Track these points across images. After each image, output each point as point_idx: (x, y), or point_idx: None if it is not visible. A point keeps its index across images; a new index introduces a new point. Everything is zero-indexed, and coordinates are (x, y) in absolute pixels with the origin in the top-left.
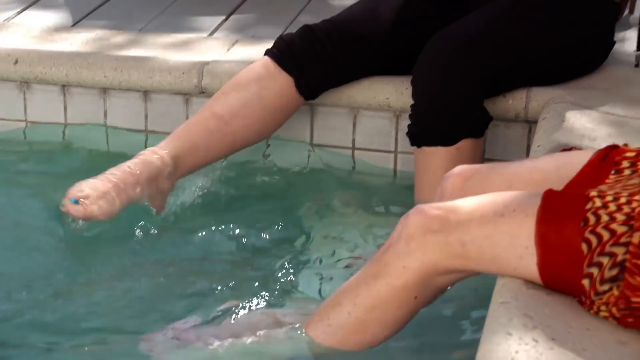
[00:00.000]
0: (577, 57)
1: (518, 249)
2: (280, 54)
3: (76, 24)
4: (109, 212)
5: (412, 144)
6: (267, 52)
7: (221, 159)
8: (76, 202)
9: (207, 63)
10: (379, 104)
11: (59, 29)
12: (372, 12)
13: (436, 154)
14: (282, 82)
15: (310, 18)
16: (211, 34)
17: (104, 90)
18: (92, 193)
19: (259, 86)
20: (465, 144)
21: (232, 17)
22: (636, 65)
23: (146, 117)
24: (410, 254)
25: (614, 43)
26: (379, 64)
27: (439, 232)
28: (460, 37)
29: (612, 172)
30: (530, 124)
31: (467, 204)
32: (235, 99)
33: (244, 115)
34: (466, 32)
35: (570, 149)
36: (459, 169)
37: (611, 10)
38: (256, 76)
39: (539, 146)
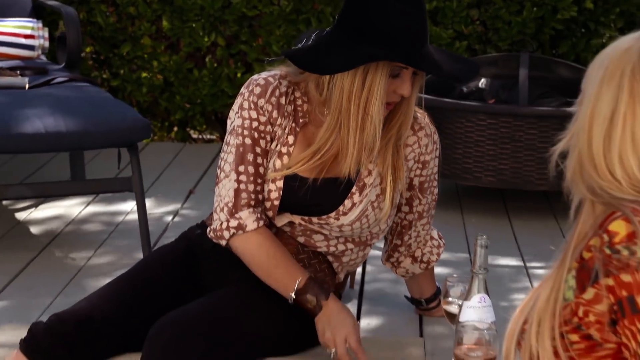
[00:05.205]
0: (299, 338)
1: None
2: (28, 347)
3: None
4: None
5: None
6: (20, 343)
7: None
8: None
9: None
10: None
11: None
12: (109, 298)
13: None
14: None
15: (68, 302)
16: None
17: None
18: None
19: None
20: None
21: None
22: None
23: None
24: None
25: None
26: (123, 345)
27: None
28: (179, 322)
29: None
30: None
31: None
32: None
33: None
34: (185, 316)
35: None
36: None
37: None
38: None
39: None
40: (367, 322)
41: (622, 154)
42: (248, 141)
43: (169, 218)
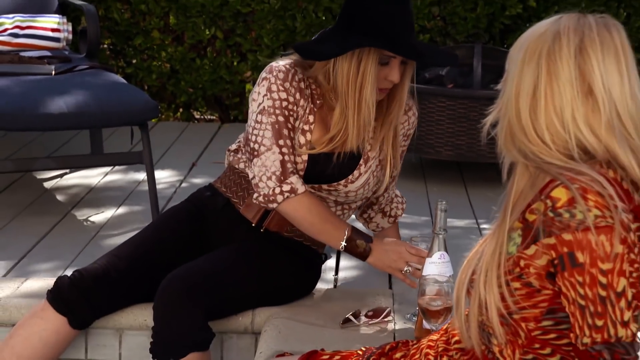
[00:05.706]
0: (289, 292)
1: None
2: (54, 297)
3: None
4: None
5: (153, 357)
6: (47, 294)
7: None
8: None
9: None
10: (139, 324)
11: None
12: (124, 257)
13: None
14: (58, 323)
15: (88, 259)
16: (5, 275)
17: None
18: None
19: (40, 328)
20: (193, 357)
21: (23, 260)
22: (335, 286)
23: None
24: None
25: (320, 275)
26: (136, 298)
27: None
28: (186, 278)
29: None
30: (256, 335)
31: None
32: (19, 343)
33: (28, 357)
34: (188, 273)
35: (283, 354)
36: None
37: (319, 258)
38: (37, 320)
39: (260, 353)
40: (344, 276)
41: (548, 122)
42: (281, 119)
43: (176, 186)
